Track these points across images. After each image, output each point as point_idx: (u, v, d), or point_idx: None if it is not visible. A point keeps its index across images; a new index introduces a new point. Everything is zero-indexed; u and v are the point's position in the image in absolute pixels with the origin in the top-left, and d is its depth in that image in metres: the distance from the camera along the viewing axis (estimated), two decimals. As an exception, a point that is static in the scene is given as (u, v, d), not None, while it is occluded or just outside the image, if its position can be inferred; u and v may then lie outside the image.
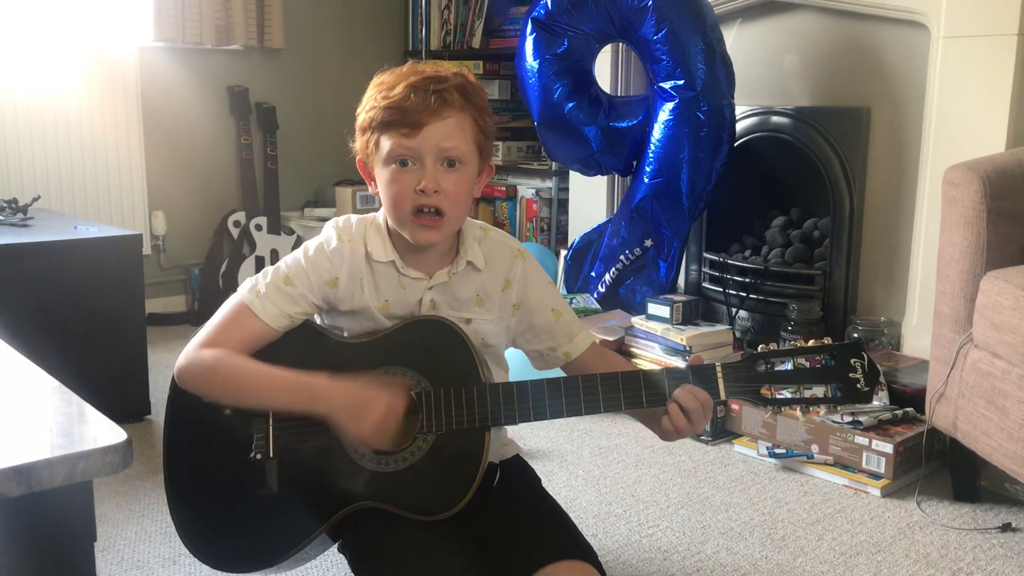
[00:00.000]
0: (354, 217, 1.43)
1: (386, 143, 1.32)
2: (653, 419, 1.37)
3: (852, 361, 1.30)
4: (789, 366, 1.30)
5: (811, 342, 1.33)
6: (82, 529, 0.86)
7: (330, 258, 1.38)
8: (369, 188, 1.40)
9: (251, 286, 1.36)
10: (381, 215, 1.42)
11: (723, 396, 1.31)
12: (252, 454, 1.33)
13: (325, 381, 1.29)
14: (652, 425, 1.40)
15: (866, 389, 1.30)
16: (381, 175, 1.35)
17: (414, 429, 1.31)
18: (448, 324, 1.35)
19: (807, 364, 1.30)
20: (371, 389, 1.28)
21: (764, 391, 1.31)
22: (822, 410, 1.30)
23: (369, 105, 1.34)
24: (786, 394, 1.30)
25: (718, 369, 1.32)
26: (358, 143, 1.39)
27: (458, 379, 1.32)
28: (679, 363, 2.54)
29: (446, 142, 1.31)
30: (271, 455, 1.33)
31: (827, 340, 1.33)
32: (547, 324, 1.48)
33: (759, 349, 1.33)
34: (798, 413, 1.31)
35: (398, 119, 1.30)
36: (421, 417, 1.31)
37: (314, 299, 1.38)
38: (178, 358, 1.36)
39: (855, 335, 2.75)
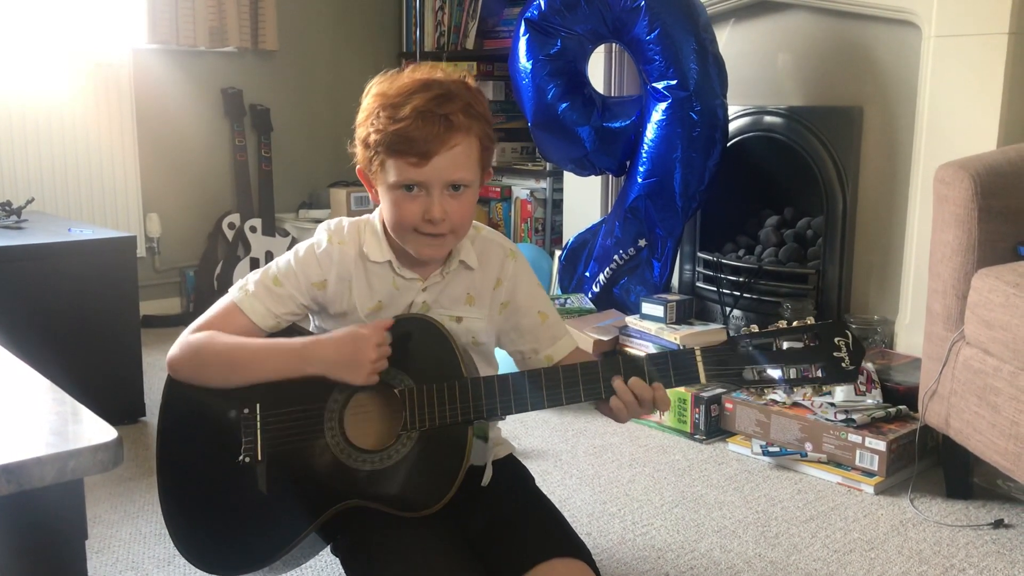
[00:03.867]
0: (346, 220, 1.43)
1: (392, 169, 1.31)
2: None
3: (836, 340, 1.27)
4: (772, 348, 1.28)
5: (795, 323, 1.29)
6: (73, 528, 0.86)
7: (319, 260, 1.39)
8: (370, 195, 1.39)
9: (241, 285, 1.39)
10: (377, 216, 1.42)
11: (703, 380, 1.29)
12: (240, 458, 1.33)
13: (310, 342, 1.34)
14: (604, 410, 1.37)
15: (851, 368, 1.26)
16: (386, 196, 1.34)
17: (398, 427, 1.32)
18: (429, 321, 1.36)
19: (790, 344, 1.27)
20: (353, 333, 1.31)
21: (747, 374, 1.28)
22: (808, 390, 1.26)
23: (373, 123, 1.31)
24: (769, 376, 1.27)
25: (697, 354, 1.29)
26: (360, 154, 1.36)
27: (440, 376, 1.32)
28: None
29: (454, 174, 1.30)
30: (259, 458, 1.33)
31: (810, 320, 1.29)
32: (532, 326, 1.48)
33: (742, 331, 1.30)
34: (781, 394, 1.28)
35: (406, 149, 1.28)
36: (404, 415, 1.31)
37: (303, 300, 1.39)
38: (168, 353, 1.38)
39: (849, 333, 2.75)
